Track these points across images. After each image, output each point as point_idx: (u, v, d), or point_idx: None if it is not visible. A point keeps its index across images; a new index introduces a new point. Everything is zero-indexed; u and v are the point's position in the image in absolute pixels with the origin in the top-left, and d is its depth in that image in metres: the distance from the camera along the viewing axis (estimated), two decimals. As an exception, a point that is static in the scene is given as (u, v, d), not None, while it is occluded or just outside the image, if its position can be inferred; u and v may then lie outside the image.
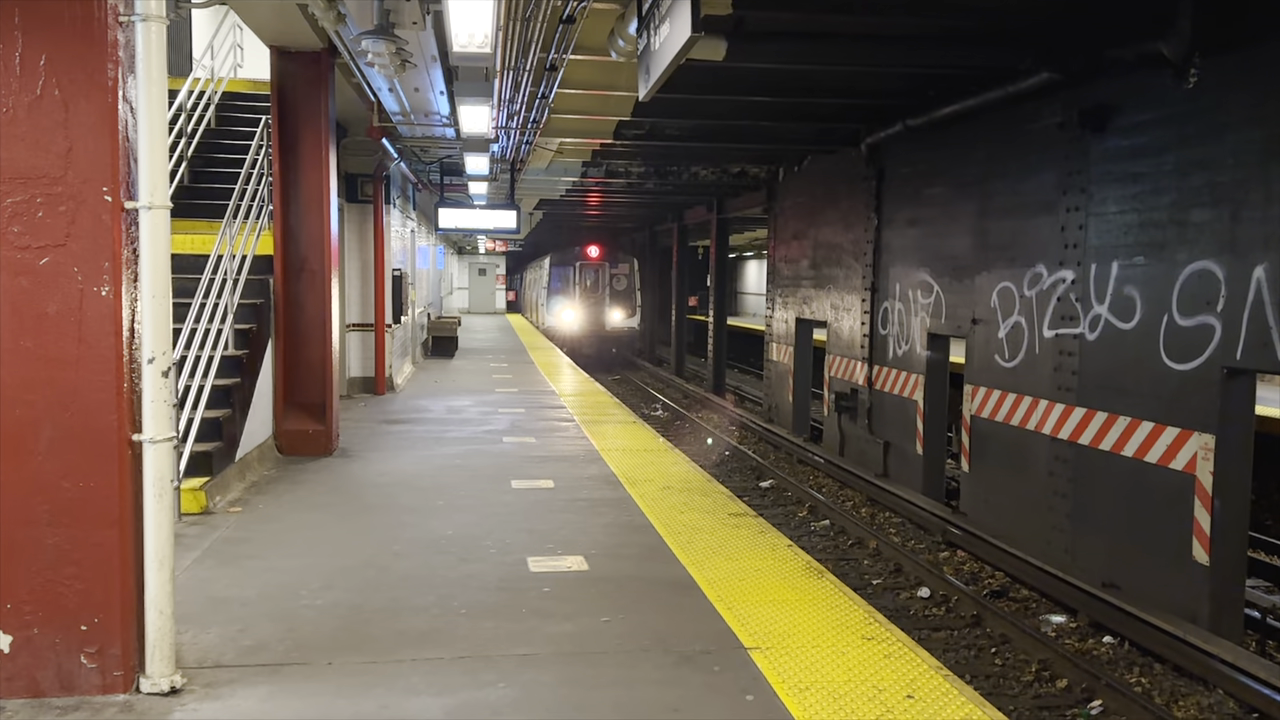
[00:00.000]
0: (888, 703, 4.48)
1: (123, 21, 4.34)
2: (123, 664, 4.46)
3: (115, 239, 4.35)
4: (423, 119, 12.65)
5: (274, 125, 10.02)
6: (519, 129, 14.37)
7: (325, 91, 10.06)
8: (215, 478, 8.10)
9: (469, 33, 7.33)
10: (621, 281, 35.74)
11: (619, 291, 35.63)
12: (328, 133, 10.12)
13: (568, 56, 9.81)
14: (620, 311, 35.29)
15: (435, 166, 19.28)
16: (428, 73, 9.77)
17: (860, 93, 12.13)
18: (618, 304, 35.39)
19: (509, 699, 4.49)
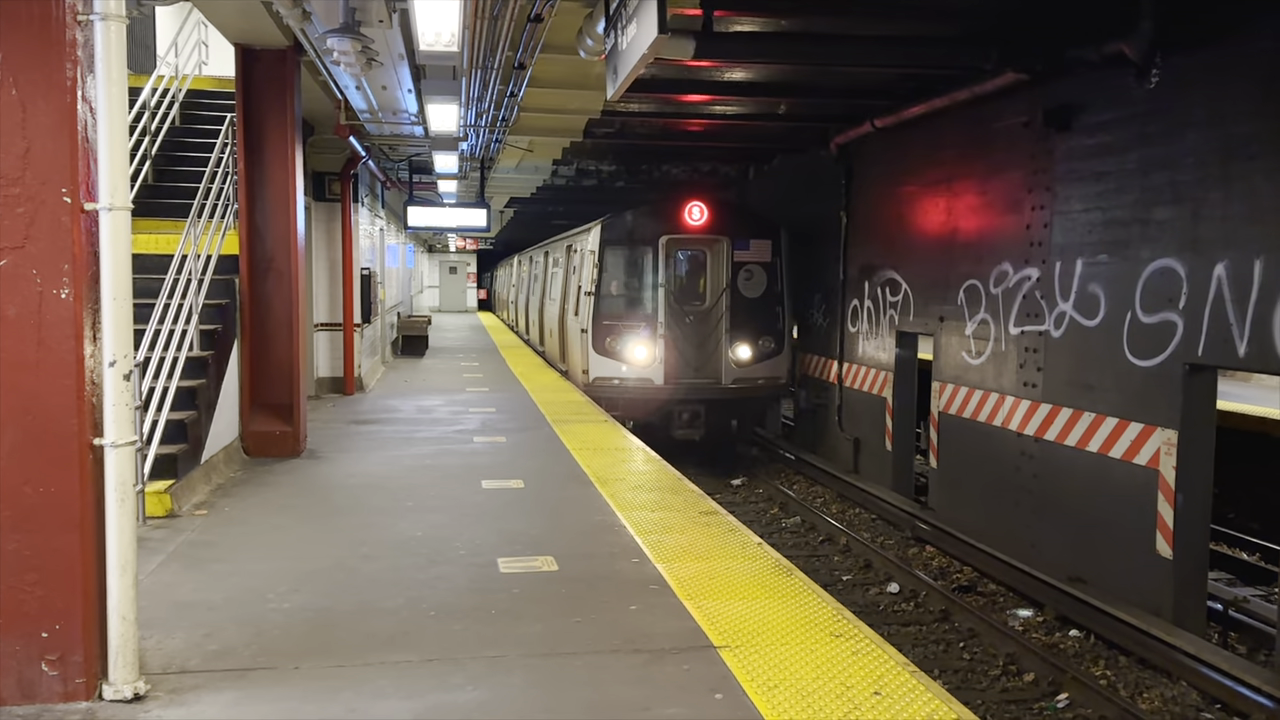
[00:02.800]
0: (855, 700, 4.50)
1: (81, 20, 4.28)
2: (85, 671, 4.40)
3: (75, 241, 4.29)
4: (390, 117, 12.57)
5: (239, 123, 9.92)
6: (488, 127, 14.32)
7: (291, 89, 9.97)
8: (180, 480, 8.01)
9: (435, 31, 7.29)
10: (755, 280, 16.39)
11: (750, 303, 16.32)
12: (294, 131, 10.03)
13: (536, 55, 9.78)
14: (751, 343, 16.20)
15: (404, 164, 19.16)
16: (395, 71, 9.71)
17: (828, 92, 12.19)
18: (747, 327, 16.21)
19: (478, 701, 4.47)
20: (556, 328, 20.46)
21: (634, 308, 16.05)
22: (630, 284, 16.29)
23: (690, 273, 16.64)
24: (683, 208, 15.82)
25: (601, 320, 15.89)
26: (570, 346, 18.10)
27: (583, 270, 17.05)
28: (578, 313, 17.03)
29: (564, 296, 19.43)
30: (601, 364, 15.81)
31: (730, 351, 15.89)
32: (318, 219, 14.90)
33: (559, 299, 20.15)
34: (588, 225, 17.53)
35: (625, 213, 16.53)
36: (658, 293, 15.84)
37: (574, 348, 17.44)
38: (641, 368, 15.65)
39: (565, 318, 19.11)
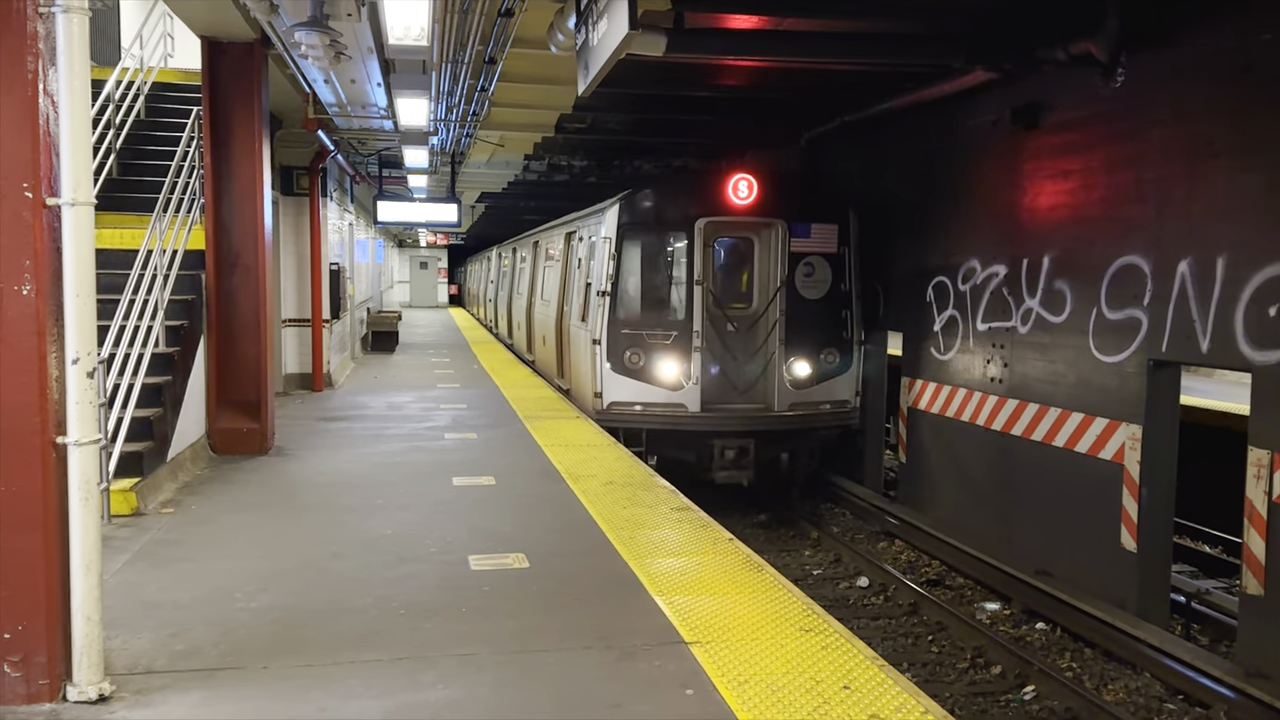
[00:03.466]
0: (825, 694, 4.51)
1: (43, 12, 4.21)
2: (48, 672, 4.33)
3: (37, 236, 4.22)
4: (360, 111, 12.47)
5: (205, 117, 9.81)
6: (459, 121, 14.26)
7: (258, 83, 9.86)
8: (146, 478, 7.92)
9: (405, 25, 7.25)
10: (818, 276, 12.96)
11: (810, 307, 12.92)
12: (261, 124, 9.93)
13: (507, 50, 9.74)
14: (811, 358, 12.84)
15: (373, 159, 19.02)
16: (364, 65, 9.63)
17: (799, 89, 12.20)
18: (807, 337, 12.82)
19: (448, 700, 4.45)
20: (552, 335, 16.75)
21: (662, 312, 12.59)
22: (657, 281, 12.81)
23: (734, 267, 13.03)
24: (725, 182, 12.22)
25: (620, 328, 12.39)
26: (574, 361, 14.28)
27: (593, 264, 13.38)
28: (585, 318, 13.45)
29: (563, 297, 16.12)
30: (619, 385, 12.37)
31: (785, 369, 12.43)
32: (285, 214, 14.77)
33: (555, 300, 16.79)
34: (599, 206, 13.79)
35: (649, 189, 13.12)
36: (693, 293, 12.35)
37: (580, 362, 13.72)
38: (672, 390, 12.28)
39: (565, 324, 15.64)
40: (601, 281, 12.62)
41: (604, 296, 12.50)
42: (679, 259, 12.60)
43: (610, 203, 13.02)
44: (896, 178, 12.73)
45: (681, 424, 12.33)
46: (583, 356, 13.51)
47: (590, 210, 14.63)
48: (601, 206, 13.48)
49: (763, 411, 12.52)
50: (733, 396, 12.54)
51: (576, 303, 14.45)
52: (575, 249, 15.33)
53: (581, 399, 13.72)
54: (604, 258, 12.65)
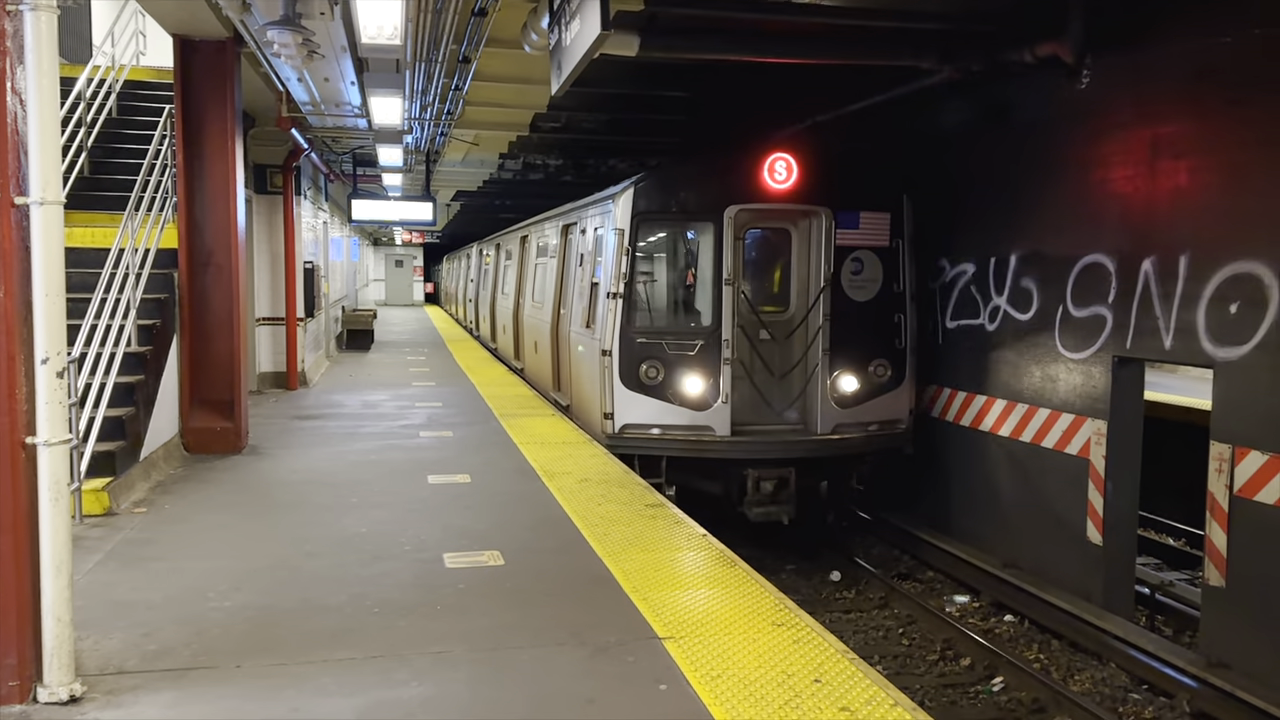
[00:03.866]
0: (796, 687, 4.53)
1: (10, 10, 4.15)
2: (18, 674, 4.28)
3: (4, 236, 4.16)
4: (333, 109, 12.38)
5: (178, 115, 9.72)
6: (433, 120, 14.18)
7: (231, 81, 9.78)
8: (119, 478, 7.83)
9: (378, 24, 7.21)
10: (867, 274, 10.95)
11: (859, 310, 10.89)
12: (234, 123, 9.85)
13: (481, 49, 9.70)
14: (859, 370, 10.74)
15: (348, 157, 18.91)
16: (337, 63, 9.56)
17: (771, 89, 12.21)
18: (855, 346, 10.74)
19: (421, 697, 4.43)
20: (546, 341, 14.56)
21: (685, 317, 10.84)
22: (679, 280, 11.05)
23: (766, 263, 11.11)
24: (759, 163, 10.29)
25: (635, 337, 10.41)
26: (576, 373, 12.19)
27: (598, 260, 11.52)
28: (591, 323, 11.40)
29: (559, 299, 13.98)
30: (634, 404, 10.40)
31: (830, 384, 10.47)
32: (259, 212, 14.65)
33: (549, 302, 14.62)
34: (607, 192, 11.62)
35: (668, 170, 11.47)
36: (722, 294, 10.34)
37: (584, 376, 11.66)
38: (697, 410, 10.27)
39: (562, 329, 13.48)
40: (612, 281, 10.58)
41: (616, 299, 10.43)
42: (705, 254, 10.62)
43: (623, 187, 10.89)
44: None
45: (709, 451, 10.30)
46: (588, 369, 11.36)
47: (595, 198, 12.22)
48: (611, 193, 11.33)
49: (803, 435, 10.57)
50: (767, 417, 10.57)
51: (578, 306, 12.28)
52: (574, 243, 13.25)
53: (586, 418, 11.58)
54: (615, 253, 10.56)
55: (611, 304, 10.52)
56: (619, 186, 11.07)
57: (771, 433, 10.55)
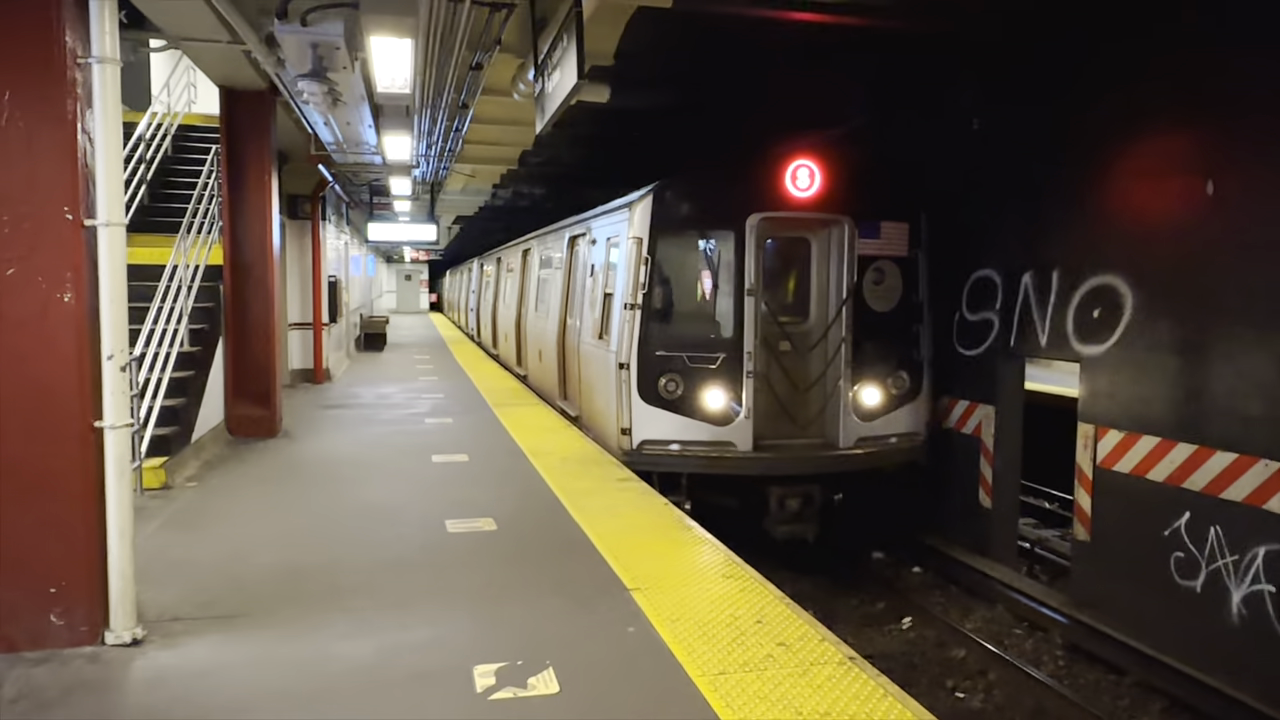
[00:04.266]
0: (741, 628, 4.58)
1: (80, 63, 4.12)
2: (89, 621, 4.26)
3: (75, 252, 4.13)
4: (354, 148, 12.27)
5: (223, 154, 9.62)
6: (437, 156, 14.09)
7: (268, 125, 9.70)
8: (173, 457, 7.75)
9: (391, 76, 7.16)
10: (888, 284, 9.23)
11: (879, 321, 9.12)
12: (270, 160, 9.76)
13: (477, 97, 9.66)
14: (880, 382, 9.05)
15: (365, 187, 18.75)
16: (357, 109, 9.48)
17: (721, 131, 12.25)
18: (876, 357, 9.05)
19: (428, 639, 4.44)
20: (552, 351, 12.66)
21: (705, 329, 8.96)
22: (697, 291, 9.22)
23: (783, 273, 9.42)
24: (781, 170, 8.69)
25: (654, 349, 8.76)
26: (588, 386, 10.45)
27: (612, 270, 9.82)
28: (604, 334, 9.74)
29: (565, 310, 12.15)
30: (653, 419, 8.74)
31: (852, 396, 8.88)
32: (291, 234, 14.51)
33: (554, 313, 12.63)
34: (623, 201, 9.85)
35: (688, 178, 9.27)
36: (744, 305, 8.68)
37: (597, 389, 9.91)
38: (718, 425, 8.66)
39: (570, 340, 11.63)
40: (629, 292, 8.87)
41: (633, 310, 8.78)
42: (725, 263, 8.94)
43: (640, 195, 9.16)
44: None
45: (731, 467, 8.69)
46: (602, 382, 9.61)
47: (609, 207, 10.44)
48: (627, 201, 9.59)
49: (826, 449, 8.93)
50: (789, 431, 8.95)
51: (589, 317, 10.48)
52: (583, 254, 11.43)
53: (599, 432, 9.79)
54: (632, 263, 8.90)
55: (629, 315, 8.82)
56: (636, 194, 9.27)
57: (794, 448, 8.86)
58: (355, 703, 3.78)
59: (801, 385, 8.95)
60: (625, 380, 8.81)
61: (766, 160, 8.95)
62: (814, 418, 8.97)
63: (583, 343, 10.68)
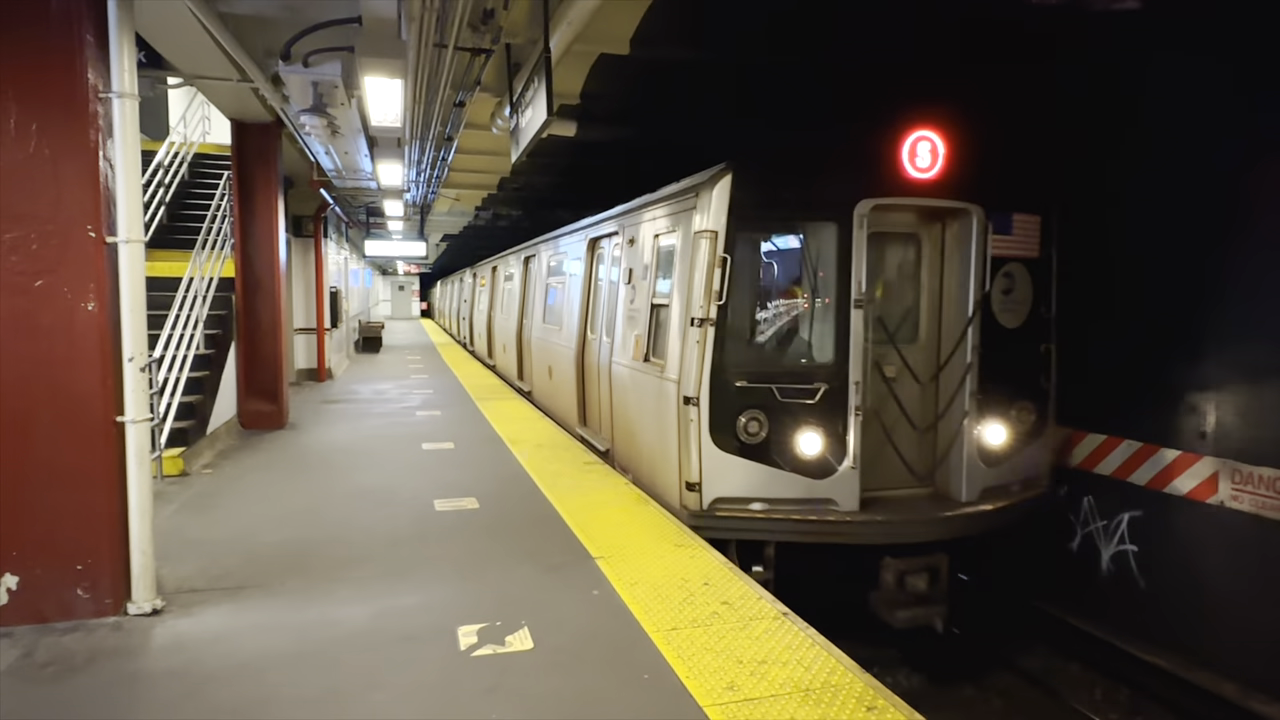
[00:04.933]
0: (690, 589, 4.61)
1: (102, 97, 4.03)
2: (112, 593, 4.18)
3: (98, 266, 4.04)
4: (352, 174, 12.11)
5: (234, 179, 9.45)
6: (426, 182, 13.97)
7: (275, 153, 9.54)
8: (190, 447, 7.60)
9: (383, 111, 7.09)
10: (1018, 293, 6.11)
11: (1006, 338, 6.08)
12: (277, 185, 9.60)
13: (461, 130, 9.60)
14: (1005, 417, 6.08)
15: (362, 209, 18.50)
16: (354, 140, 9.37)
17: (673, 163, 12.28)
18: (1002, 386, 6.02)
19: (418, 603, 4.41)
20: (570, 371, 9.55)
21: (798, 352, 6.14)
22: (785, 301, 6.15)
23: (899, 277, 6.54)
24: (898, 145, 6.01)
25: (732, 378, 5.92)
26: (627, 418, 7.47)
27: (667, 273, 6.80)
28: (654, 356, 6.85)
29: (586, 323, 9.22)
30: (729, 470, 5.93)
31: (977, 436, 6.23)
32: (296, 251, 14.29)
33: (571, 327, 9.62)
34: (681, 185, 6.84)
35: (772, 152, 6.36)
36: (849, 320, 5.98)
37: (643, 424, 6.99)
38: (815, 476, 5.94)
39: (591, 359, 8.81)
40: (699, 303, 5.91)
41: (704, 327, 5.86)
42: (825, 265, 6.01)
43: (711, 175, 6.11)
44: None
45: (836, 533, 5.85)
46: (653, 417, 6.62)
47: (660, 195, 7.25)
48: (690, 185, 6.48)
49: (949, 506, 6.11)
50: (897, 479, 6.25)
51: (627, 333, 7.48)
52: (610, 258, 8.55)
53: (649, 479, 6.81)
54: (701, 265, 5.93)
55: (698, 334, 5.86)
56: (703, 175, 6.28)
57: (909, 505, 6.09)
58: (353, 662, 3.75)
59: (920, 423, 6.30)
60: (692, 418, 5.87)
61: (875, 130, 6.05)
62: (932, 466, 6.33)
63: (616, 364, 7.70)
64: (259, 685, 3.52)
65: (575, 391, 9.41)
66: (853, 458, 5.91)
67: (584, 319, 9.42)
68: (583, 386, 9.30)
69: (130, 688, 3.53)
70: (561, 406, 10.24)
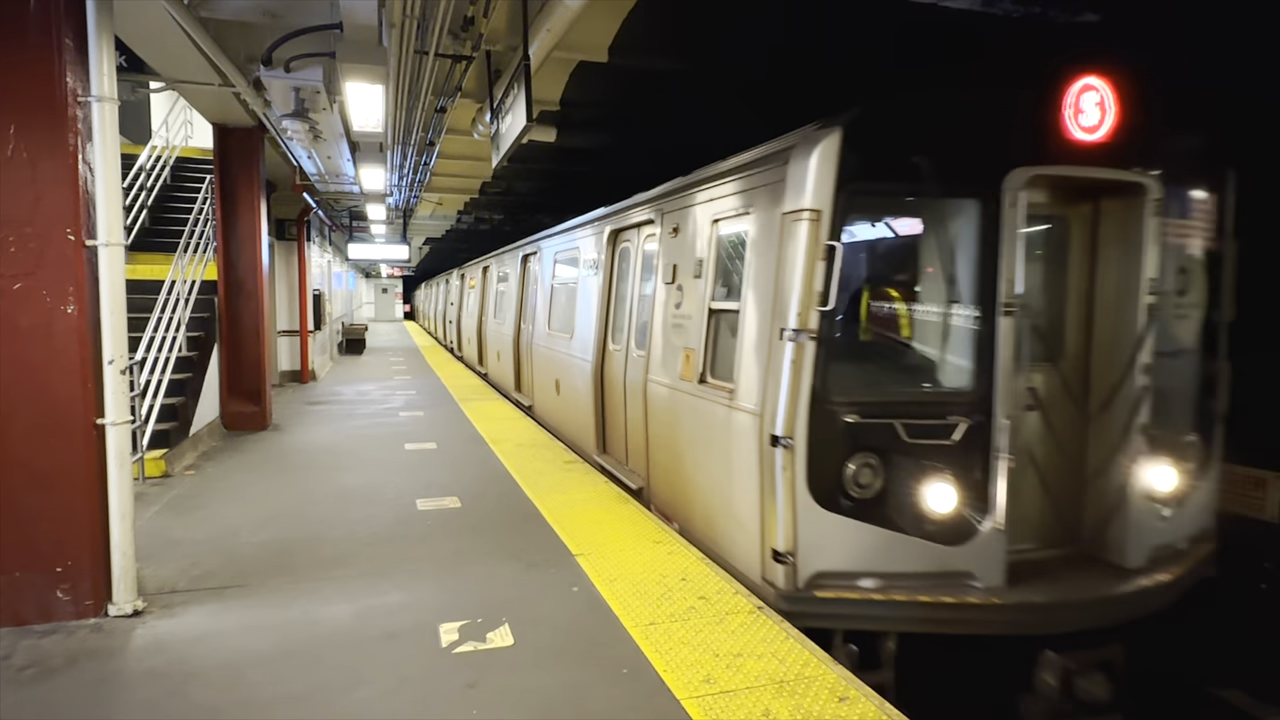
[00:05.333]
0: (668, 584, 4.60)
1: (81, 101, 3.95)
2: (93, 595, 4.09)
3: (78, 269, 3.96)
4: (334, 178, 12.00)
5: (216, 183, 9.31)
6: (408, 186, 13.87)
7: (257, 158, 9.41)
8: (173, 449, 7.48)
9: (365, 117, 7.02)
10: (1193, 291, 4.20)
11: (1177, 352, 4.25)
12: (259, 189, 9.47)
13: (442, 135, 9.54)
14: (1173, 453, 4.17)
15: (345, 212, 18.34)
16: (336, 145, 9.28)
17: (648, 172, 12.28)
18: (1171, 414, 4.15)
19: (400, 601, 4.37)
20: (584, 386, 8.10)
21: (926, 375, 4.30)
22: (909, 305, 4.31)
23: (1047, 266, 4.63)
24: (1058, 99, 4.14)
25: (840, 411, 4.03)
26: (685, 458, 5.51)
27: (744, 274, 4.70)
28: (711, 376, 5.17)
29: (606, 330, 7.74)
30: (833, 534, 4.04)
31: (1145, 482, 4.38)
32: (280, 254, 14.12)
33: (586, 335, 8.09)
34: (761, 153, 4.71)
35: (899, 101, 4.04)
36: (995, 331, 4.07)
37: (710, 468, 5.04)
38: (948, 541, 4.05)
39: (615, 373, 7.35)
40: (793, 309, 4.17)
41: (801, 341, 4.13)
42: (963, 257, 4.29)
43: (809, 134, 4.29)
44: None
45: (976, 622, 4.09)
46: (717, 457, 4.98)
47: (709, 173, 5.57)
48: (773, 151, 4.63)
49: (1121, 577, 4.41)
50: (1048, 537, 4.69)
51: (668, 344, 5.98)
52: (638, 254, 7.07)
53: (709, 536, 5.20)
54: (796, 257, 4.18)
55: (793, 351, 4.17)
56: (793, 136, 4.52)
57: (1064, 576, 4.40)
58: (336, 660, 3.70)
59: (1070, 467, 4.65)
60: (781, 465, 4.17)
61: (1024, 78, 4.32)
62: (1090, 522, 4.65)
63: (652, 381, 6.17)
64: (241, 684, 3.47)
65: (594, 411, 7.78)
66: (999, 517, 4.14)
67: (603, 328, 7.75)
68: (600, 406, 7.72)
69: (110, 688, 3.46)
70: (575, 426, 8.53)
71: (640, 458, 6.57)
